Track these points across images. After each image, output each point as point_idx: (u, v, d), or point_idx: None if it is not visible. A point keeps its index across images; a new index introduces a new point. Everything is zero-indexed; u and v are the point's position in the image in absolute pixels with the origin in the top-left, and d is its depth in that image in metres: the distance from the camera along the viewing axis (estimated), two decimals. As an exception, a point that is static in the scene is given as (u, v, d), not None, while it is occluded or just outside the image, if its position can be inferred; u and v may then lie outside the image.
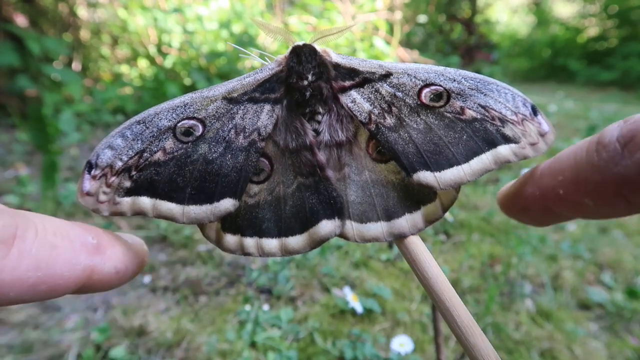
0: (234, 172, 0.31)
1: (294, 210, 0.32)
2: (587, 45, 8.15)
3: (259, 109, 0.32)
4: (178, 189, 0.30)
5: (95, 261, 0.26)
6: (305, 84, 0.32)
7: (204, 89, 0.32)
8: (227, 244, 0.32)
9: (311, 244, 0.32)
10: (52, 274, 0.23)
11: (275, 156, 0.33)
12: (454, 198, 0.33)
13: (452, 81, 0.31)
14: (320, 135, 0.32)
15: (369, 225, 0.33)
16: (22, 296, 0.22)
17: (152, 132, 0.30)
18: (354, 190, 0.33)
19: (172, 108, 0.31)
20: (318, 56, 0.32)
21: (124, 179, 0.29)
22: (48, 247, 0.23)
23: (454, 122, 0.31)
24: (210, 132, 0.31)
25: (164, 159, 0.30)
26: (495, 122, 0.31)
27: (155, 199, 0.30)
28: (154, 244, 1.59)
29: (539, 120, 0.31)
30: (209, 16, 3.68)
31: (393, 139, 0.31)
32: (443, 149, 0.31)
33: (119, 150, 0.30)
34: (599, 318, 1.27)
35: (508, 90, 0.31)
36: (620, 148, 0.22)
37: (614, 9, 7.76)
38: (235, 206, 0.31)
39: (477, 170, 0.30)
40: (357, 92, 0.32)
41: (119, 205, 0.29)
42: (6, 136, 2.73)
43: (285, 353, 1.05)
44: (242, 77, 0.32)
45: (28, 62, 2.72)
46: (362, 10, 3.45)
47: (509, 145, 0.30)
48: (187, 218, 0.30)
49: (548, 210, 0.28)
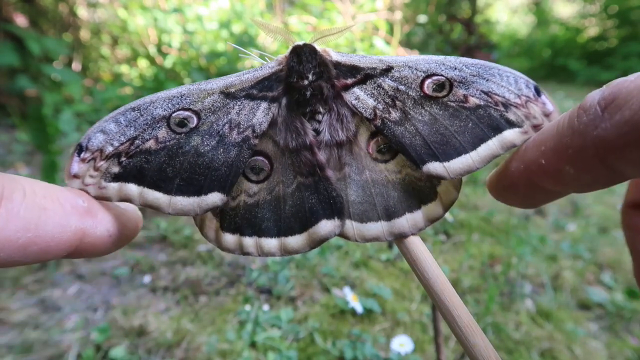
0: (225, 166, 0.31)
1: (293, 210, 0.32)
2: (587, 45, 8.14)
3: (255, 106, 0.32)
4: (167, 178, 0.30)
5: (86, 224, 0.26)
6: (306, 84, 0.32)
7: (202, 82, 0.31)
8: (226, 243, 0.32)
9: (311, 244, 0.32)
10: (43, 236, 0.23)
11: (275, 156, 0.33)
12: (454, 197, 0.33)
13: (454, 69, 0.31)
14: (320, 135, 0.32)
15: (369, 224, 0.33)
16: (12, 257, 0.22)
17: (146, 120, 0.30)
18: (355, 189, 0.33)
19: (168, 98, 0.31)
20: (318, 56, 0.32)
21: (113, 164, 0.29)
22: (37, 209, 0.23)
23: (458, 111, 0.31)
24: (205, 125, 0.31)
25: (156, 148, 0.30)
26: (498, 107, 0.31)
27: (142, 187, 0.30)
28: (154, 244, 1.59)
29: (543, 100, 0.31)
30: (209, 16, 3.68)
31: (400, 133, 0.31)
32: (450, 139, 0.31)
33: (110, 135, 0.29)
34: (599, 318, 1.27)
35: (510, 73, 0.31)
36: (600, 111, 0.22)
37: (614, 9, 7.76)
38: (223, 201, 0.31)
39: (484, 156, 0.30)
40: (360, 88, 0.32)
41: (104, 190, 0.29)
42: (6, 136, 2.73)
43: (285, 353, 1.05)
44: (241, 73, 0.32)
45: (28, 62, 2.72)
46: (362, 10, 3.45)
47: (513, 129, 0.30)
48: (173, 209, 0.30)
49: (532, 185, 0.28)
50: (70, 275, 1.38)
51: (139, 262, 1.45)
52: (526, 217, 1.92)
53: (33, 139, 1.84)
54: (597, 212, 1.99)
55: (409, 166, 0.33)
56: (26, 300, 1.24)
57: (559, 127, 0.25)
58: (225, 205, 0.32)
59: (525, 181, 0.28)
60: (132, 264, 1.44)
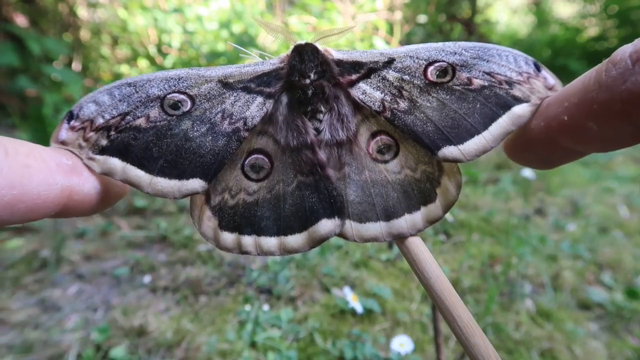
0: (211, 154, 0.31)
1: (293, 209, 0.32)
2: (587, 45, 8.14)
3: (250, 100, 0.32)
4: (151, 158, 0.30)
5: (73, 182, 0.26)
6: (308, 83, 0.32)
7: (202, 68, 0.31)
8: (225, 242, 0.32)
9: (310, 243, 0.32)
10: (29, 193, 0.23)
11: (275, 154, 0.33)
12: (454, 199, 0.33)
13: (454, 54, 0.31)
14: (320, 134, 0.32)
15: (367, 225, 0.33)
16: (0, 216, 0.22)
17: (140, 97, 0.30)
18: (354, 189, 0.33)
19: (166, 79, 0.31)
20: (320, 55, 0.32)
21: (102, 136, 0.29)
22: (20, 167, 0.23)
23: (464, 94, 0.31)
24: (197, 111, 0.31)
25: (145, 126, 0.30)
26: (503, 85, 0.31)
27: (126, 163, 0.30)
28: (154, 244, 1.59)
29: (544, 75, 0.31)
30: (209, 16, 3.68)
31: (411, 122, 0.31)
32: (460, 121, 0.31)
33: (103, 107, 0.29)
34: (599, 318, 1.27)
35: (509, 52, 0.31)
36: (631, 64, 0.22)
37: (614, 9, 7.75)
38: (203, 188, 0.31)
39: (497, 135, 0.31)
40: (366, 83, 0.32)
41: (91, 162, 0.29)
42: (6, 136, 2.73)
43: (285, 353, 1.05)
44: (241, 65, 0.32)
45: (28, 62, 2.72)
46: (362, 10, 3.45)
47: (522, 104, 0.30)
48: (153, 189, 0.30)
49: (551, 143, 0.28)
50: (70, 275, 1.38)
51: (139, 262, 1.45)
52: (526, 217, 1.92)
53: (33, 139, 1.84)
54: (597, 212, 1.99)
55: (408, 167, 0.33)
56: (26, 300, 1.24)
57: (585, 81, 0.24)
58: (216, 200, 0.32)
59: (545, 139, 0.28)
60: (132, 264, 1.44)
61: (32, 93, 2.82)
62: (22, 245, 1.49)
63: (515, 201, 2.12)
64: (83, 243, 1.56)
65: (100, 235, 1.62)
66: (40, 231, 1.58)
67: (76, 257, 1.46)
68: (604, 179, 2.46)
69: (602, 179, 2.46)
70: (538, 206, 2.06)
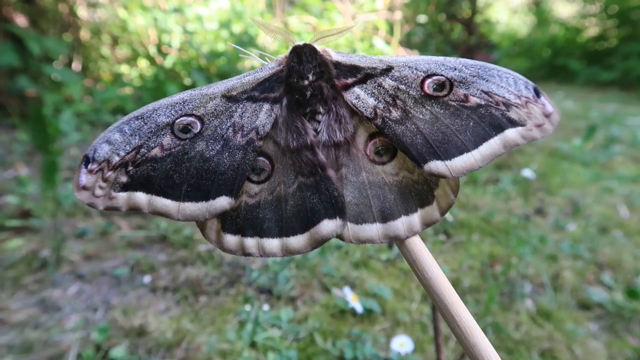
0: (231, 170, 0.31)
1: (295, 210, 0.32)
2: (587, 45, 8.14)
3: (257, 108, 0.32)
4: (174, 185, 0.30)
5: None
6: (306, 84, 0.32)
7: (203, 87, 0.31)
8: (228, 244, 0.32)
9: (312, 244, 0.32)
10: None
11: (275, 156, 0.33)
12: (452, 201, 0.33)
13: (454, 70, 0.31)
14: (318, 135, 0.32)
15: (364, 226, 0.33)
16: None
17: (150, 127, 0.30)
18: (351, 191, 0.33)
19: (171, 104, 0.31)
20: (318, 56, 0.32)
21: (121, 174, 0.29)
22: None
23: (459, 110, 0.31)
24: (208, 130, 0.31)
25: (161, 155, 0.30)
26: (499, 106, 0.31)
27: (151, 195, 0.30)
28: (154, 244, 1.59)
29: (543, 101, 0.31)
30: (209, 16, 3.68)
31: (401, 132, 0.31)
32: (451, 137, 0.31)
33: (116, 145, 0.29)
34: (599, 318, 1.27)
35: (509, 75, 0.31)
36: None
37: (614, 9, 7.75)
38: (231, 204, 0.31)
39: (486, 155, 0.30)
40: (361, 88, 0.32)
41: (114, 200, 0.29)
42: (6, 136, 2.73)
43: (285, 353, 1.05)
44: (241, 76, 0.32)
45: (28, 62, 2.72)
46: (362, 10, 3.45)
47: (516, 129, 0.30)
48: (183, 215, 0.30)
49: None
50: (70, 275, 1.38)
51: (139, 262, 1.44)
52: (526, 217, 1.92)
53: (33, 139, 1.84)
54: (597, 212, 1.99)
55: (406, 169, 0.33)
56: (26, 300, 1.24)
57: None
58: None
59: None
60: (132, 264, 1.44)
61: (32, 93, 2.82)
62: (22, 245, 1.49)
63: (515, 201, 2.12)
64: (83, 243, 1.56)
65: (100, 235, 1.62)
66: (40, 231, 1.58)
67: (76, 257, 1.46)
68: (604, 179, 2.46)
69: (602, 179, 2.45)
70: (538, 206, 2.06)
